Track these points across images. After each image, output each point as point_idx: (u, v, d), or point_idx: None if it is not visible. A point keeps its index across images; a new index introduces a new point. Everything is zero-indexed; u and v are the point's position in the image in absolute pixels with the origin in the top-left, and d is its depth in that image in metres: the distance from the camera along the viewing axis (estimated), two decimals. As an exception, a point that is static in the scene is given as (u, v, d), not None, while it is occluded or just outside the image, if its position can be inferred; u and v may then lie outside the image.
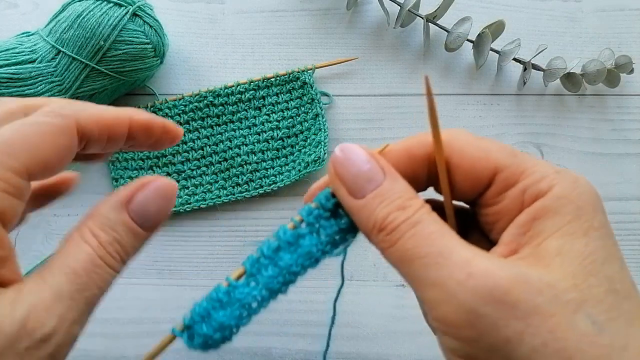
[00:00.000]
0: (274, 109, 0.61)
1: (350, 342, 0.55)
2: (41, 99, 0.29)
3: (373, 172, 0.27)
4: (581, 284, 0.23)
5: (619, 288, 0.24)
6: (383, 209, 0.26)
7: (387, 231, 0.25)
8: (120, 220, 0.27)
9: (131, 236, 0.28)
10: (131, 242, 0.28)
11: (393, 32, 0.64)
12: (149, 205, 0.28)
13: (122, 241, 0.27)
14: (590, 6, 0.65)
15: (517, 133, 0.62)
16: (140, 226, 0.28)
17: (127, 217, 0.28)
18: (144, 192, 0.28)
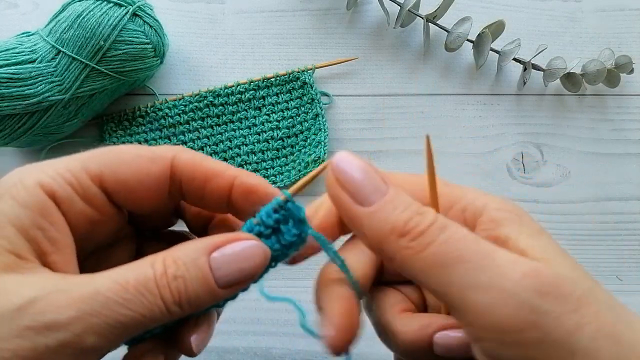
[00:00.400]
0: (274, 109, 0.61)
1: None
2: None
3: (377, 180, 0.25)
4: (579, 274, 0.24)
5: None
6: (401, 213, 0.24)
7: (412, 235, 0.24)
8: (198, 264, 0.25)
9: (201, 284, 0.25)
10: (198, 290, 0.25)
11: (393, 32, 0.64)
12: (233, 262, 0.26)
13: (189, 284, 0.25)
14: (590, 6, 0.65)
15: (517, 133, 0.62)
16: (216, 280, 0.25)
17: (206, 264, 0.25)
18: (231, 247, 0.26)
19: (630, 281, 0.58)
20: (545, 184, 0.61)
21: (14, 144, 0.55)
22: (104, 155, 0.27)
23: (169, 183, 0.28)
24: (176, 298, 0.24)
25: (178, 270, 0.24)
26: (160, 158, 0.27)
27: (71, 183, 0.25)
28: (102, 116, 0.60)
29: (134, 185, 0.27)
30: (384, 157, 0.61)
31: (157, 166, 0.27)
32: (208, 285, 0.25)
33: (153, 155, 0.27)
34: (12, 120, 0.52)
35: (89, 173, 0.26)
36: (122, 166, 0.26)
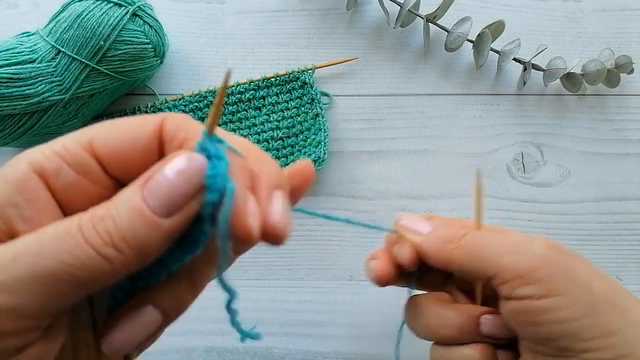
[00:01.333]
0: (274, 109, 0.61)
1: (350, 342, 0.55)
2: None
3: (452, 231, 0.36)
4: None
5: None
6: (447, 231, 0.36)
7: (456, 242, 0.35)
8: (126, 198, 0.22)
9: (136, 218, 0.21)
10: (135, 225, 0.21)
11: (393, 32, 0.64)
12: (164, 183, 0.22)
13: (120, 221, 0.21)
14: (590, 6, 0.65)
15: (517, 133, 0.62)
16: (151, 209, 0.22)
17: (137, 196, 0.22)
18: (164, 167, 0.22)
19: (630, 281, 0.58)
20: (545, 184, 0.61)
21: (14, 144, 0.55)
22: (95, 125, 0.26)
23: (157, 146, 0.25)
24: (106, 239, 0.21)
25: (105, 210, 0.22)
26: (149, 121, 0.26)
27: (61, 154, 0.24)
28: (102, 116, 0.60)
29: (125, 149, 0.25)
30: (384, 157, 0.61)
31: (146, 129, 0.25)
32: (144, 217, 0.21)
33: (143, 120, 0.26)
34: (12, 120, 0.52)
35: (79, 142, 0.25)
36: (113, 131, 0.25)
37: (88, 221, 0.22)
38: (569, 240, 0.59)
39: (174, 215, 0.22)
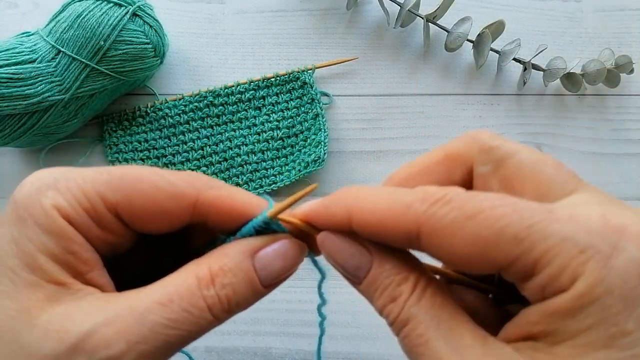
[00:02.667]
0: (274, 109, 0.61)
1: (350, 342, 0.55)
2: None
3: (359, 258, 0.25)
4: None
5: None
6: (378, 299, 0.25)
7: (388, 323, 0.25)
8: (244, 267, 0.25)
9: (249, 288, 0.25)
10: (246, 293, 0.25)
11: (393, 32, 0.64)
12: (276, 261, 0.26)
13: (238, 289, 0.25)
14: (590, 6, 0.65)
15: (517, 133, 0.62)
16: (260, 280, 0.26)
17: (251, 267, 0.26)
18: (274, 246, 0.26)
19: (630, 281, 0.58)
20: (545, 184, 0.61)
21: (14, 144, 0.55)
22: (122, 184, 0.25)
23: (190, 218, 0.27)
24: (225, 306, 0.25)
25: (225, 277, 0.25)
26: (183, 197, 0.26)
27: (87, 210, 0.25)
28: (102, 116, 0.60)
29: (151, 219, 0.26)
30: (384, 157, 0.61)
31: (178, 205, 0.26)
32: (254, 287, 0.26)
33: (175, 192, 0.25)
34: (12, 120, 0.52)
35: (105, 201, 0.25)
36: (140, 199, 0.25)
37: (209, 286, 0.24)
38: (569, 240, 0.59)
39: (273, 287, 0.27)
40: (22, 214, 0.24)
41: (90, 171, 0.26)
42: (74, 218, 0.24)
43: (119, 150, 0.60)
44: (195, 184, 0.26)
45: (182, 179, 0.26)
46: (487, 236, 0.20)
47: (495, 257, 0.20)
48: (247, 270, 0.25)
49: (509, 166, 0.24)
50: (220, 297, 0.24)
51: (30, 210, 0.24)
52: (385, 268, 0.24)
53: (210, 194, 0.26)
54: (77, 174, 0.25)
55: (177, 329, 0.23)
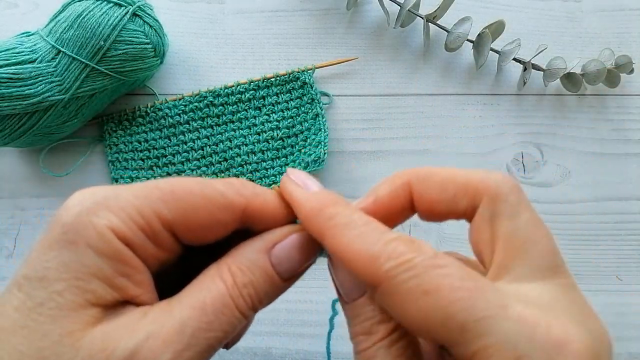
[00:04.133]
0: (274, 109, 0.61)
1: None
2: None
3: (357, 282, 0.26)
4: None
5: None
6: (355, 326, 0.26)
7: (354, 350, 0.26)
8: (261, 264, 0.26)
9: (268, 283, 0.26)
10: (266, 289, 0.26)
11: (393, 32, 0.64)
12: (292, 254, 0.27)
13: (258, 286, 0.26)
14: (590, 6, 0.65)
15: (517, 133, 0.62)
16: (279, 275, 0.27)
17: (268, 263, 0.26)
18: (288, 240, 0.27)
19: (630, 281, 0.58)
20: (545, 184, 0.61)
21: (14, 144, 0.55)
22: (176, 200, 0.25)
23: (237, 226, 0.27)
24: (249, 304, 0.25)
25: (245, 276, 0.25)
26: (233, 207, 0.26)
27: (144, 229, 0.24)
28: (102, 116, 0.60)
29: (204, 232, 0.26)
30: (384, 157, 0.61)
31: (229, 216, 0.26)
32: (273, 282, 0.26)
33: (226, 203, 0.26)
34: (12, 120, 0.52)
35: (160, 218, 0.25)
36: (194, 213, 0.25)
37: (234, 287, 0.25)
38: (569, 241, 0.59)
39: (293, 280, 0.28)
40: (73, 238, 0.23)
41: (139, 187, 0.25)
42: (130, 238, 0.24)
43: (119, 150, 0.60)
44: (243, 192, 0.27)
45: (230, 189, 0.26)
46: (436, 316, 0.21)
47: (439, 337, 0.21)
48: (264, 266, 0.26)
49: (501, 227, 0.25)
50: (244, 297, 0.25)
51: (83, 233, 0.23)
52: (372, 302, 0.25)
53: (257, 201, 0.27)
54: (127, 191, 0.25)
55: (215, 331, 0.24)
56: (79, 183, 0.59)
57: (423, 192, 0.27)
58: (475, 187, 0.26)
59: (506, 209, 0.25)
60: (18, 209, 0.59)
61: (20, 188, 0.59)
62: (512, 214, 0.25)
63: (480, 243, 0.26)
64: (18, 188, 0.59)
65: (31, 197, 0.59)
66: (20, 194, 0.59)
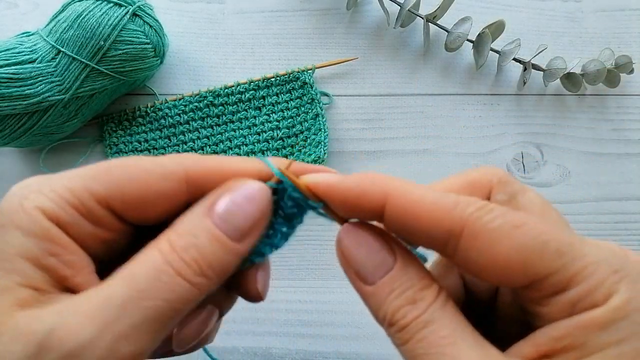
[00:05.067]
0: (274, 109, 0.61)
1: (350, 342, 0.55)
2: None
3: (383, 255, 0.24)
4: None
5: None
6: (393, 301, 0.23)
7: (397, 327, 0.23)
8: (202, 226, 0.24)
9: (216, 245, 0.24)
10: (217, 252, 0.24)
11: (393, 32, 0.64)
12: (237, 210, 0.24)
13: (204, 249, 0.23)
14: (590, 6, 0.65)
15: (517, 133, 0.62)
16: (227, 234, 0.24)
17: (210, 223, 0.24)
18: (230, 195, 0.25)
19: (630, 281, 0.58)
20: (545, 184, 0.61)
21: (14, 144, 0.55)
22: (110, 175, 0.24)
23: (186, 196, 0.26)
24: (196, 269, 0.23)
25: (183, 240, 0.23)
26: (172, 174, 0.25)
27: (76, 206, 0.23)
28: (102, 116, 0.60)
29: (145, 205, 0.25)
30: (383, 157, 0.61)
31: (170, 183, 0.25)
32: (222, 243, 0.24)
33: (164, 172, 0.25)
34: (12, 120, 0.52)
35: (94, 194, 0.24)
36: (131, 186, 0.24)
37: (172, 253, 0.23)
38: (569, 240, 0.59)
39: (248, 239, 0.25)
40: (3, 221, 0.23)
41: (75, 170, 0.25)
42: (62, 217, 0.23)
43: (119, 150, 0.60)
44: (183, 162, 0.25)
45: (172, 160, 0.25)
46: (532, 246, 0.21)
47: (536, 268, 0.21)
48: (206, 228, 0.24)
49: (521, 200, 0.25)
50: (186, 261, 0.23)
51: (12, 216, 0.23)
52: (408, 271, 0.24)
53: (199, 165, 0.25)
54: (62, 175, 0.24)
55: (152, 300, 0.22)
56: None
57: None
58: (480, 182, 0.26)
59: (518, 188, 0.26)
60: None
61: (20, 188, 0.59)
62: (522, 190, 0.26)
63: None
64: (18, 188, 0.59)
65: (31, 197, 0.59)
66: (20, 194, 0.59)
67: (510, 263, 0.21)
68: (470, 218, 0.22)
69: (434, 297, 0.23)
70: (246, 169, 0.26)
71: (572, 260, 0.21)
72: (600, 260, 0.21)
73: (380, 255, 0.24)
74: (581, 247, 0.21)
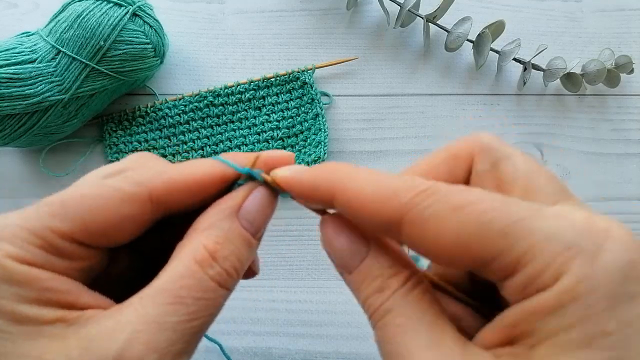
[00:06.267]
0: (274, 109, 0.61)
1: (350, 342, 0.55)
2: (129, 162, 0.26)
3: (356, 246, 0.25)
4: None
5: None
6: (366, 288, 0.24)
7: (368, 315, 0.24)
8: (236, 231, 0.25)
9: (246, 248, 0.25)
10: (246, 255, 0.25)
11: (393, 32, 0.64)
12: (258, 211, 0.26)
13: (240, 254, 0.25)
14: (590, 6, 0.65)
15: (517, 133, 0.62)
16: (252, 235, 0.26)
17: (240, 227, 0.25)
18: (251, 198, 0.26)
19: (630, 281, 0.58)
20: (545, 184, 0.61)
21: (14, 144, 0.55)
22: (67, 209, 0.24)
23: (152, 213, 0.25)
24: (235, 275, 0.24)
25: (225, 249, 0.24)
26: (133, 197, 0.24)
27: (41, 246, 0.23)
28: (102, 116, 0.60)
29: (112, 231, 0.24)
30: (383, 157, 0.61)
31: (133, 206, 0.24)
32: (250, 244, 0.26)
33: (124, 196, 0.24)
34: (12, 120, 0.52)
35: (56, 232, 0.23)
36: (92, 217, 0.24)
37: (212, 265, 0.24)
38: (569, 240, 0.59)
39: (261, 236, 0.27)
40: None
41: (28, 210, 0.24)
42: (31, 260, 0.23)
43: (119, 150, 0.60)
44: (142, 180, 0.25)
45: (127, 180, 0.25)
46: (472, 229, 0.20)
47: (479, 251, 0.20)
48: (239, 232, 0.25)
49: (503, 168, 0.24)
50: (227, 270, 0.24)
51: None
52: (379, 260, 0.24)
53: (159, 182, 0.25)
54: (15, 217, 0.24)
55: (199, 318, 0.23)
56: (79, 183, 0.59)
57: None
58: (463, 153, 0.26)
59: (501, 154, 0.25)
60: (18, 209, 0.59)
61: (20, 188, 0.59)
62: (506, 155, 0.24)
63: None
64: (18, 188, 0.59)
65: (31, 197, 0.59)
66: (20, 194, 0.59)
67: (453, 247, 0.20)
68: (407, 206, 0.21)
69: (399, 285, 0.23)
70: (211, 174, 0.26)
71: (516, 240, 0.19)
72: (551, 235, 0.19)
73: (355, 244, 0.24)
74: (531, 222, 0.19)
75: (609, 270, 0.19)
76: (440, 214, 0.20)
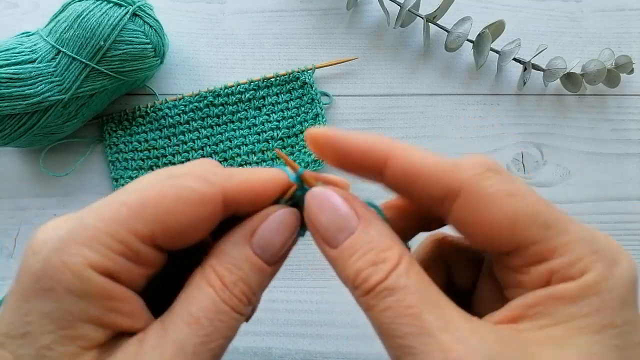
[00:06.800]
0: (274, 109, 0.61)
1: (350, 342, 0.55)
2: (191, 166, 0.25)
3: (346, 218, 0.24)
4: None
5: None
6: (355, 263, 0.23)
7: (361, 291, 0.23)
8: (244, 257, 0.25)
9: (257, 273, 0.25)
10: (257, 279, 0.25)
11: (393, 32, 0.64)
12: (273, 238, 0.26)
13: (248, 280, 0.25)
14: (590, 6, 0.65)
15: (517, 133, 0.62)
16: (265, 262, 0.25)
17: (251, 253, 0.25)
18: (266, 224, 0.26)
19: (630, 281, 0.58)
20: (545, 184, 0.61)
21: (14, 144, 0.55)
22: (148, 212, 0.23)
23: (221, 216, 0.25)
24: (245, 301, 0.24)
25: (233, 274, 0.24)
26: (209, 198, 0.24)
27: (124, 253, 0.22)
28: (102, 116, 0.60)
29: (187, 233, 0.24)
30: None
31: (208, 208, 0.24)
32: (262, 270, 0.25)
33: (200, 198, 0.24)
34: (12, 120, 0.52)
35: (138, 236, 0.23)
36: (172, 219, 0.23)
37: (224, 290, 0.24)
38: (569, 240, 0.59)
39: (281, 262, 0.27)
40: (48, 284, 0.21)
41: (104, 210, 0.23)
42: (112, 268, 0.22)
43: (119, 150, 0.60)
44: (215, 181, 0.24)
45: (200, 181, 0.24)
46: (523, 214, 0.22)
47: (523, 234, 0.22)
48: (249, 259, 0.25)
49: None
50: (237, 296, 0.24)
51: (58, 277, 0.21)
52: (370, 233, 0.24)
53: (232, 184, 0.25)
54: (92, 218, 0.23)
55: (217, 341, 0.23)
56: (79, 183, 0.59)
57: None
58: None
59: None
60: (18, 209, 0.59)
61: (20, 188, 0.59)
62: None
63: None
64: (18, 188, 0.59)
65: (31, 197, 0.59)
66: (20, 194, 0.59)
67: (500, 226, 0.22)
68: (468, 180, 0.23)
69: (397, 260, 0.23)
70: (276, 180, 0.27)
71: (557, 233, 0.22)
72: (582, 239, 0.23)
73: (343, 219, 0.25)
74: (566, 224, 0.23)
75: (623, 278, 0.22)
76: (498, 195, 0.22)
